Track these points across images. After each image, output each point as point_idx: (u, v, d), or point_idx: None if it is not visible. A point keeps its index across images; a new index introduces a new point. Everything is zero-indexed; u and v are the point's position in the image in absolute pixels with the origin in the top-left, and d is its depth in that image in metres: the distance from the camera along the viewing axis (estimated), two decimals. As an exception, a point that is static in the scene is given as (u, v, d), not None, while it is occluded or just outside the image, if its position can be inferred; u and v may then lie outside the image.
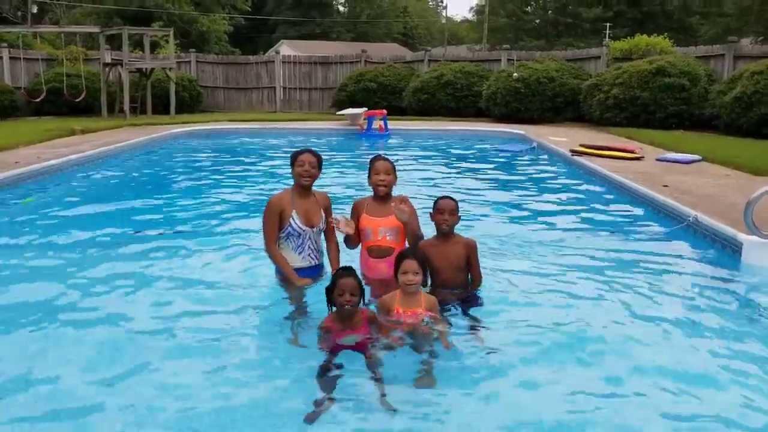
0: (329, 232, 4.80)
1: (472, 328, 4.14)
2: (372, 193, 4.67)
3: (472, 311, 4.33)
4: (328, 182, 8.41)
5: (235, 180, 10.24)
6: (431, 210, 4.51)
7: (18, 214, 7.62)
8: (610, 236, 6.64)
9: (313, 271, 4.69)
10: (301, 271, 4.62)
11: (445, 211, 4.41)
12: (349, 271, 3.81)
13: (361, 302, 3.81)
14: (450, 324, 4.05)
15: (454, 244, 4.47)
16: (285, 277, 4.61)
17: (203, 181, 10.11)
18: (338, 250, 4.79)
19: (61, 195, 8.96)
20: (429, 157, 12.84)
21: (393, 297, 3.95)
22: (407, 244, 4.51)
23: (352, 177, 9.98)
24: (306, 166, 4.57)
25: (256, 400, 3.32)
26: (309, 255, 4.66)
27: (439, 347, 3.76)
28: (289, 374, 3.58)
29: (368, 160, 4.70)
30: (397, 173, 4.69)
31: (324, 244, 4.84)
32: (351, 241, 4.69)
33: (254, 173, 10.99)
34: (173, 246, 6.09)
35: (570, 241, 6.32)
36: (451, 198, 4.52)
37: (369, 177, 4.64)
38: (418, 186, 9.02)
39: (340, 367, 3.57)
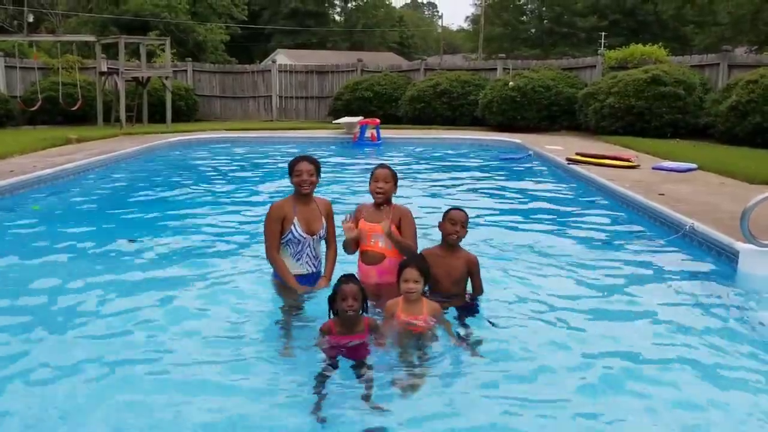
0: (330, 238, 4.79)
1: (466, 334, 4.13)
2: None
3: (467, 320, 4.31)
4: (319, 189, 8.39)
5: (230, 188, 10.22)
6: (440, 220, 4.49)
7: (10, 222, 7.58)
8: (605, 245, 6.64)
9: (310, 279, 4.67)
10: (297, 278, 4.61)
11: (457, 223, 4.39)
12: (350, 277, 3.83)
13: (364, 310, 3.80)
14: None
15: (456, 257, 4.45)
16: (284, 284, 4.60)
17: (199, 190, 10.08)
18: (336, 256, 4.77)
19: (56, 204, 8.92)
20: (423, 166, 12.83)
21: (396, 303, 3.98)
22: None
23: (342, 185, 9.95)
24: (304, 175, 4.56)
25: (250, 405, 3.30)
26: (307, 262, 4.66)
27: (439, 351, 3.80)
28: (283, 379, 3.57)
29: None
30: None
31: (323, 251, 4.83)
32: (349, 246, 4.68)
33: (250, 181, 10.97)
34: (168, 253, 6.08)
35: (565, 250, 6.31)
36: (463, 210, 4.50)
37: (369, 183, 4.63)
38: (411, 194, 9.01)
39: (335, 367, 3.59)
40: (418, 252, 4.49)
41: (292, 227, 4.54)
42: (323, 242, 4.80)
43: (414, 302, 3.93)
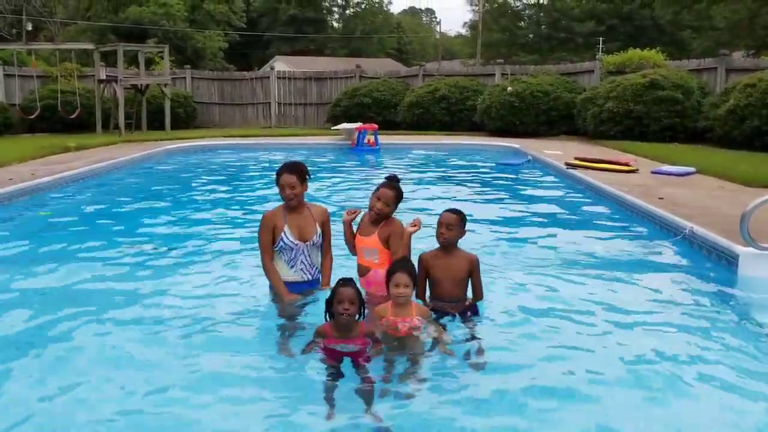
0: (325, 246, 4.78)
1: (470, 338, 4.13)
2: None
3: (468, 323, 4.31)
4: (317, 196, 8.41)
5: (229, 195, 10.21)
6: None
7: (9, 230, 7.58)
8: (604, 249, 6.62)
9: (305, 286, 4.67)
10: (292, 285, 4.62)
11: (442, 225, 4.40)
12: (348, 281, 3.82)
13: (361, 315, 3.79)
14: (446, 331, 4.07)
15: (456, 257, 4.45)
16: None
17: (197, 197, 10.09)
18: (331, 264, 4.77)
19: (55, 211, 8.91)
20: (422, 171, 12.84)
21: (385, 307, 4.01)
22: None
23: (340, 191, 9.95)
24: (286, 190, 4.55)
25: (250, 407, 3.31)
26: (301, 269, 4.65)
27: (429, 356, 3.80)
28: (282, 385, 3.57)
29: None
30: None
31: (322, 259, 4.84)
32: (349, 244, 4.73)
33: (248, 188, 10.98)
34: (167, 261, 6.07)
35: (564, 254, 6.30)
36: (455, 212, 4.48)
37: (371, 195, 4.58)
38: (408, 200, 9.01)
39: (341, 375, 3.58)
40: (419, 256, 4.50)
41: (283, 235, 4.55)
42: (320, 251, 4.79)
43: (403, 306, 3.95)
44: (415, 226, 4.43)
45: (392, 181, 4.60)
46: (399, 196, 4.57)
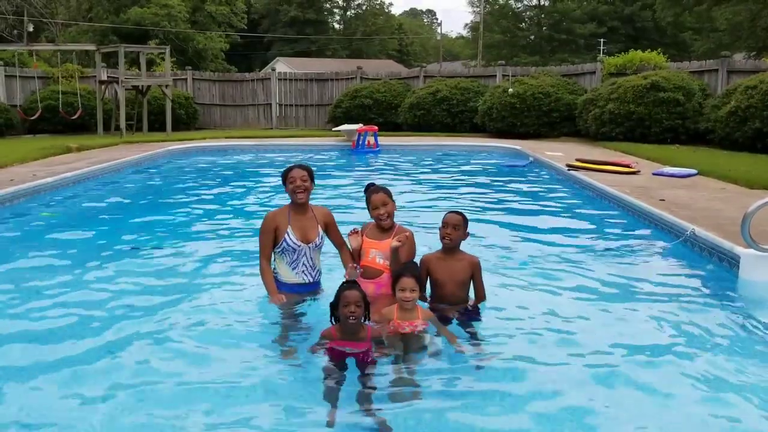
0: (339, 242, 4.81)
1: (470, 341, 4.13)
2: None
3: (470, 325, 4.31)
4: (318, 197, 8.40)
5: (230, 196, 10.21)
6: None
7: (10, 231, 7.58)
8: (606, 250, 6.62)
9: (306, 288, 4.67)
10: (294, 287, 4.63)
11: (448, 225, 4.40)
12: (353, 284, 3.83)
13: (366, 318, 3.79)
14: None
15: (458, 260, 4.46)
16: (281, 290, 4.61)
17: (198, 198, 10.08)
18: (351, 256, 4.72)
19: (56, 212, 8.91)
20: (423, 173, 12.84)
21: (391, 311, 4.02)
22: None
23: (341, 191, 9.95)
24: (297, 181, 4.56)
25: (252, 408, 3.30)
26: (303, 272, 4.65)
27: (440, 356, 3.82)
28: (285, 385, 3.56)
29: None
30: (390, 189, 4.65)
31: (323, 263, 4.85)
32: (354, 258, 4.70)
33: (249, 189, 10.97)
34: (168, 262, 6.07)
35: (566, 256, 6.29)
36: (459, 213, 4.50)
37: (368, 209, 4.57)
38: (410, 202, 9.01)
39: (345, 377, 3.58)
40: (421, 258, 4.51)
41: (286, 236, 4.55)
42: (322, 254, 4.79)
43: (409, 310, 3.96)
44: (400, 241, 4.30)
45: (373, 186, 4.63)
46: (389, 194, 4.58)
